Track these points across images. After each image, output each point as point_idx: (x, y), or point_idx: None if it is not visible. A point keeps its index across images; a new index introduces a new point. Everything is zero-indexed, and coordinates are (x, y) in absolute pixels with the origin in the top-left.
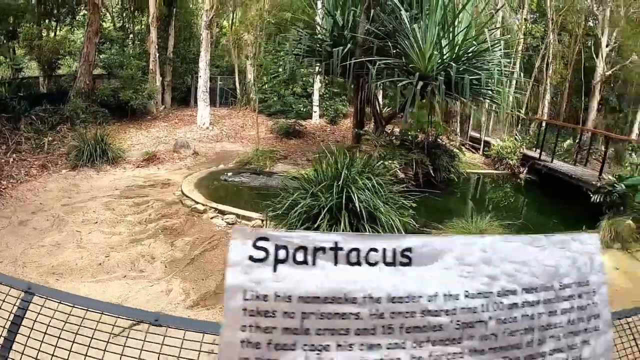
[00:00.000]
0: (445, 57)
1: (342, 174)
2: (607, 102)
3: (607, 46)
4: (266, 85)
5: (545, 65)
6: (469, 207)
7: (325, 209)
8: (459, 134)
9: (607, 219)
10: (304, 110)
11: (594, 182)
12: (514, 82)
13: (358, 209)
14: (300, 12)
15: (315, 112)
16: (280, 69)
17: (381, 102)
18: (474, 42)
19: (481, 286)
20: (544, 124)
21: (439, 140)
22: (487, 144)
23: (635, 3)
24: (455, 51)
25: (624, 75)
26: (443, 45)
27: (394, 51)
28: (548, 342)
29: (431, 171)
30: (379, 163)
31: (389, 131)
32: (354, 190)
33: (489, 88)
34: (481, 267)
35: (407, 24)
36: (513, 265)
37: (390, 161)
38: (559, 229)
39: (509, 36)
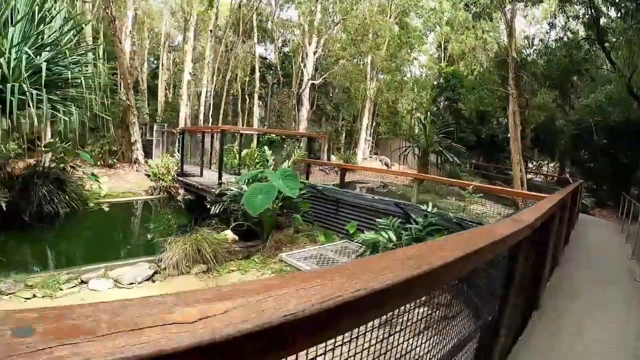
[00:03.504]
0: (19, 57)
1: None
2: (322, 110)
3: (314, 54)
4: None
5: (235, 77)
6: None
7: None
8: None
9: (175, 236)
10: None
11: (213, 190)
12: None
13: None
14: None
15: None
16: None
17: None
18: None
19: None
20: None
21: (67, 168)
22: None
23: (345, 9)
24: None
25: (337, 82)
26: (26, 44)
27: None
28: None
29: (2, 205)
30: None
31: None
32: None
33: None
34: None
35: None
36: None
37: None
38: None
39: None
